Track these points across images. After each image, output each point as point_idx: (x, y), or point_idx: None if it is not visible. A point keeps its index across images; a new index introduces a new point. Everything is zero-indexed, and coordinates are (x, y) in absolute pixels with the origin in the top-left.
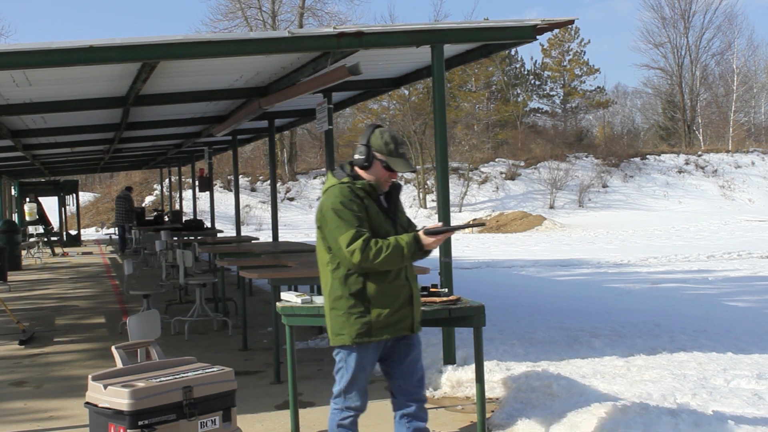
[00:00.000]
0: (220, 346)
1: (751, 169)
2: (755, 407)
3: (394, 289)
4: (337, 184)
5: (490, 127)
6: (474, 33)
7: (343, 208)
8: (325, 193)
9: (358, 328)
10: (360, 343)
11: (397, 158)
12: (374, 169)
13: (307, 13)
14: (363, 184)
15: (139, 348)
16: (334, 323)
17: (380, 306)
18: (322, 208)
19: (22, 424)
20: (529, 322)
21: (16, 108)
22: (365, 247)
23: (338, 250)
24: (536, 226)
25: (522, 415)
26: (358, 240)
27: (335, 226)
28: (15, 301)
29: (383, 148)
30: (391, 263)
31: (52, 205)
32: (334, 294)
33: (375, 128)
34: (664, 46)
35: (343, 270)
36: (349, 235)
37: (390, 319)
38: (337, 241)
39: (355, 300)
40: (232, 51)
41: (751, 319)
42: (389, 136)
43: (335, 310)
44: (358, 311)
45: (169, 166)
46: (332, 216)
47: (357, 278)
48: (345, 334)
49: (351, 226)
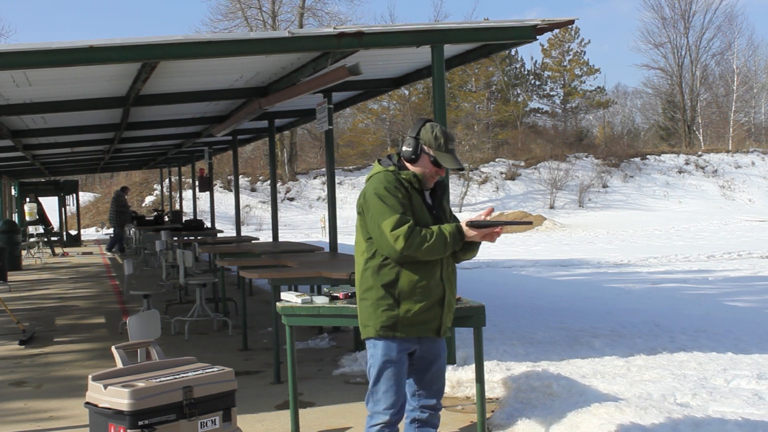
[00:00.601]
0: (220, 346)
1: (751, 169)
2: (755, 407)
3: (428, 286)
4: (382, 171)
5: (490, 127)
6: (474, 33)
7: (388, 193)
8: (369, 180)
9: (384, 321)
10: (384, 336)
11: (446, 154)
12: (421, 163)
13: (307, 13)
14: (408, 174)
15: (139, 348)
16: (362, 314)
17: (410, 301)
18: (365, 193)
19: (22, 424)
20: (529, 322)
21: (16, 108)
22: (410, 234)
23: (380, 236)
24: (536, 226)
25: (522, 415)
26: (403, 226)
27: (379, 211)
28: (15, 301)
29: (432, 142)
30: (434, 252)
31: (52, 205)
32: (366, 284)
33: (426, 122)
34: (664, 46)
35: (378, 259)
36: (393, 220)
37: (418, 317)
38: (379, 226)
39: (385, 291)
40: (232, 51)
41: (751, 319)
42: (440, 131)
43: (364, 300)
44: (386, 303)
45: (169, 166)
46: (376, 201)
47: (391, 269)
48: (370, 326)
49: (395, 211)
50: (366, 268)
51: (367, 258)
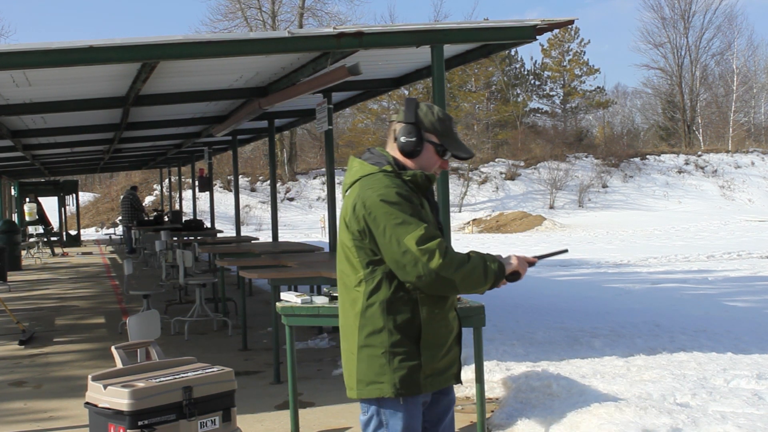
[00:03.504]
0: (220, 346)
1: (750, 169)
2: (755, 407)
3: (446, 320)
4: (378, 172)
5: (490, 127)
6: (474, 33)
7: (402, 200)
8: (362, 185)
9: (404, 375)
10: (406, 395)
11: (454, 140)
12: (425, 155)
13: (307, 14)
14: (415, 174)
15: (139, 348)
16: (367, 367)
17: (433, 346)
18: (365, 202)
19: (22, 424)
20: (529, 322)
21: (16, 108)
22: (446, 251)
23: (402, 256)
24: (536, 226)
25: (522, 415)
26: (436, 240)
27: (397, 222)
28: (15, 301)
29: (437, 125)
30: (473, 280)
31: (52, 205)
32: (371, 326)
33: (418, 103)
34: (664, 46)
35: (386, 291)
36: (419, 233)
37: (440, 363)
38: (400, 242)
39: (401, 335)
40: (232, 51)
41: (751, 319)
42: (441, 111)
43: (370, 348)
44: (404, 351)
45: (169, 166)
46: (387, 211)
47: (406, 303)
48: (385, 383)
49: (419, 222)
50: (369, 305)
51: (371, 291)
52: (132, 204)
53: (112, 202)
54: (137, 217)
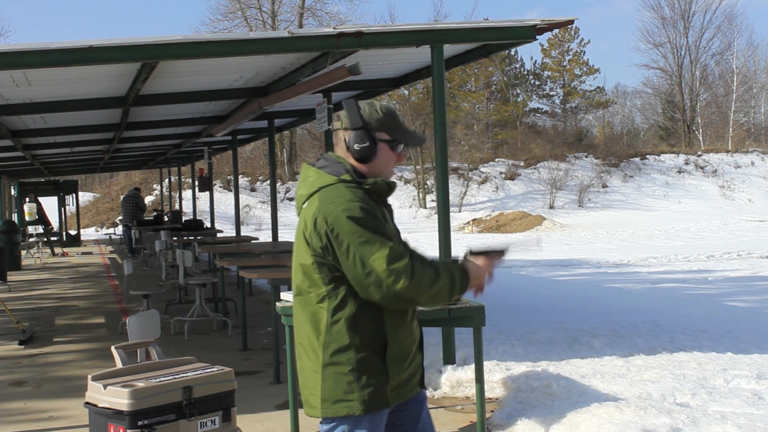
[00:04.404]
0: (220, 346)
1: (750, 169)
2: (755, 407)
3: (412, 332)
4: (337, 182)
5: (490, 127)
6: (474, 33)
7: (367, 216)
8: (322, 197)
9: (372, 391)
10: (374, 410)
11: (404, 131)
12: (381, 157)
13: (307, 14)
14: (376, 183)
15: (139, 348)
16: (334, 384)
17: (399, 358)
18: (327, 217)
19: (22, 424)
20: (529, 322)
21: (16, 108)
22: (412, 271)
23: (365, 277)
24: (536, 226)
25: (522, 415)
26: (402, 260)
27: (360, 240)
28: (15, 301)
29: (385, 121)
30: (440, 296)
31: (51, 205)
32: (336, 343)
33: (358, 103)
34: (664, 46)
35: (351, 307)
36: (384, 252)
37: (405, 374)
38: (365, 263)
39: (368, 351)
40: (232, 51)
41: (751, 319)
42: (382, 105)
43: (336, 366)
44: (372, 367)
45: (168, 166)
46: (352, 228)
47: (371, 320)
48: (354, 400)
49: (385, 241)
50: (334, 321)
51: (334, 307)
52: (137, 204)
53: (112, 202)
54: (137, 217)
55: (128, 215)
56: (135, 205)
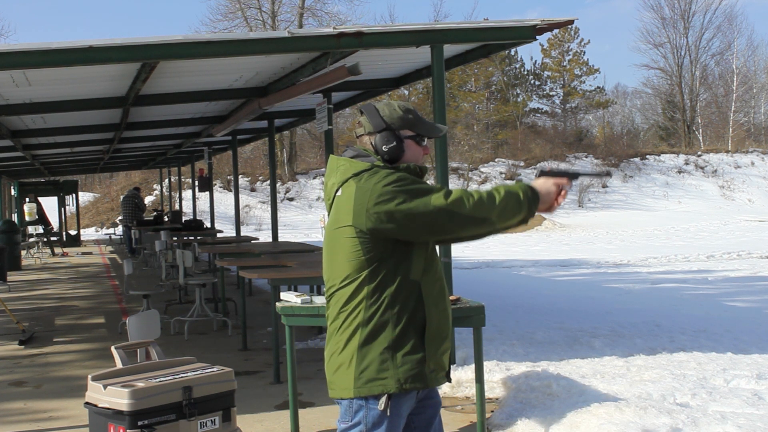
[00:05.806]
0: (220, 346)
1: (750, 169)
2: (755, 407)
3: (448, 314)
4: (372, 167)
5: (490, 127)
6: (474, 33)
7: (409, 178)
8: (360, 179)
9: (409, 368)
10: (411, 390)
11: (425, 124)
12: (409, 152)
13: (307, 14)
14: (408, 166)
15: (139, 348)
16: (370, 363)
17: (436, 338)
18: (372, 193)
19: (22, 424)
20: (529, 322)
21: (16, 108)
22: (471, 194)
23: (432, 217)
24: (536, 226)
25: (522, 415)
26: (457, 191)
27: (414, 192)
28: (15, 301)
29: (407, 119)
30: (510, 213)
31: (51, 205)
32: (375, 321)
33: (376, 107)
34: (664, 46)
35: (390, 286)
36: (440, 193)
37: (442, 358)
38: (427, 206)
39: (405, 329)
40: (232, 51)
41: (751, 319)
42: (400, 104)
43: (371, 344)
44: (410, 345)
45: (168, 166)
46: (399, 188)
47: (410, 297)
48: (389, 378)
49: (433, 186)
50: (372, 298)
51: (374, 286)
52: (137, 204)
53: (112, 202)
54: (137, 217)
55: (128, 215)
56: (135, 205)
